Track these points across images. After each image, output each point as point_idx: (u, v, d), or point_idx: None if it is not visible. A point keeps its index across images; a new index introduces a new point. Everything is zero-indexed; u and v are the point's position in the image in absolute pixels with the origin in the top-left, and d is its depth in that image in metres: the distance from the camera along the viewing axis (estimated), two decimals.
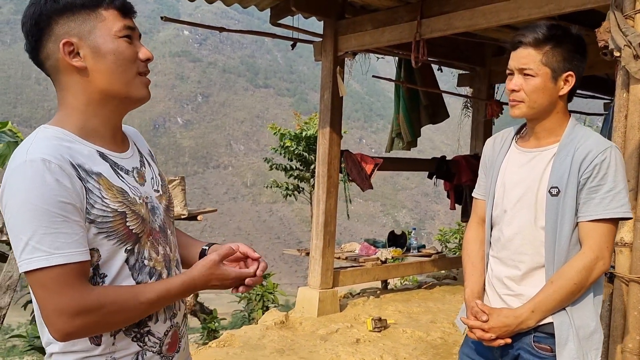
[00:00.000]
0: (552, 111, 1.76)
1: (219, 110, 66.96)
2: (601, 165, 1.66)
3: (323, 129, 5.23)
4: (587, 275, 1.67)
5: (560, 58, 1.71)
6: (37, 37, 1.20)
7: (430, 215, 56.17)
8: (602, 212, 1.66)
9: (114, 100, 1.24)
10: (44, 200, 1.08)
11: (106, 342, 1.20)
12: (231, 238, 50.81)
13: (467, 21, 4.01)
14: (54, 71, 1.22)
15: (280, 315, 4.99)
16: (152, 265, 1.27)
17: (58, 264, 1.09)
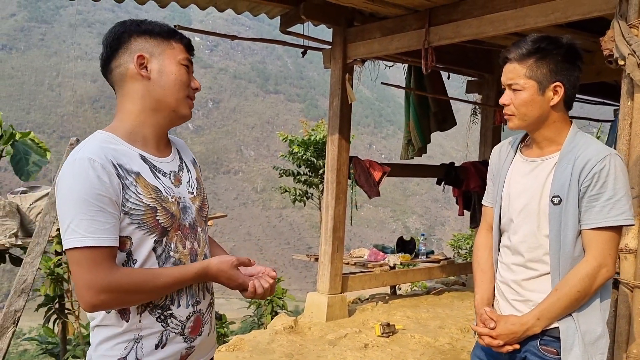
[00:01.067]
0: (547, 121, 1.79)
1: (230, 116, 67.28)
2: (600, 174, 1.69)
3: (332, 135, 5.28)
4: (591, 282, 1.70)
5: (545, 70, 1.74)
6: (115, 49, 1.48)
7: (440, 221, 55.96)
8: (603, 220, 1.69)
9: (164, 112, 1.50)
10: (85, 192, 1.32)
11: (133, 319, 1.42)
12: (241, 243, 50.94)
13: (475, 29, 4.05)
14: (120, 78, 1.48)
15: (289, 320, 5.03)
16: (177, 257, 1.48)
17: (90, 245, 1.32)
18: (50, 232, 3.59)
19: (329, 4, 4.77)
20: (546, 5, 3.56)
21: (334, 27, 5.29)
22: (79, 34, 72.16)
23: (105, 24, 73.95)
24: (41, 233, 3.52)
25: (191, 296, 1.51)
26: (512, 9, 3.76)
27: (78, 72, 68.69)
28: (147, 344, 1.43)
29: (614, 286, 2.38)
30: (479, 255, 2.06)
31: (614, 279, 2.37)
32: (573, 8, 3.42)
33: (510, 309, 1.86)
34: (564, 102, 1.80)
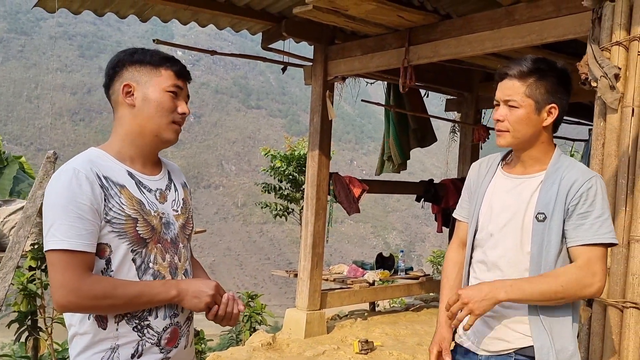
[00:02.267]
0: (537, 141, 1.81)
1: (211, 131, 67.02)
2: (588, 193, 1.72)
3: (312, 151, 5.29)
4: (577, 287, 1.68)
5: (543, 90, 1.76)
6: (111, 77, 1.59)
7: (420, 237, 56.17)
8: (592, 237, 1.70)
9: (147, 136, 1.58)
10: (65, 199, 1.42)
11: (110, 327, 1.48)
12: (221, 258, 50.46)
13: (453, 49, 4.12)
14: (114, 104, 1.60)
15: (268, 337, 4.99)
16: (156, 269, 1.54)
17: (65, 248, 1.40)
18: (23, 246, 3.52)
19: (311, 22, 4.81)
20: (522, 27, 3.64)
21: (315, 45, 5.33)
22: (59, 46, 71.51)
23: (86, 37, 73.53)
24: (14, 247, 3.46)
25: (169, 309, 1.55)
26: (490, 30, 3.83)
27: (57, 84, 67.95)
28: (124, 353, 1.48)
29: (588, 304, 2.41)
30: (448, 271, 2.07)
31: None
32: (548, 30, 3.50)
33: (482, 325, 1.84)
34: (553, 124, 1.82)
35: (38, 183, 3.90)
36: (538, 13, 3.56)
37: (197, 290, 1.54)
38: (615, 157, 2.37)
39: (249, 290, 7.42)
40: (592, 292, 1.70)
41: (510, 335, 1.81)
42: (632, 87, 2.34)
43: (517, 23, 3.67)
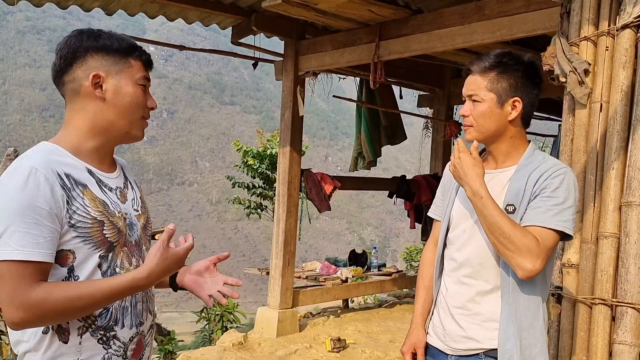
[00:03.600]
0: (504, 135, 1.80)
1: (185, 127, 66.30)
2: (554, 180, 1.70)
3: (283, 148, 5.22)
4: (518, 249, 1.63)
5: (505, 84, 1.76)
6: (69, 62, 1.40)
7: (395, 232, 56.54)
8: (545, 221, 1.67)
9: (115, 132, 1.44)
10: (21, 203, 1.24)
11: (73, 341, 1.34)
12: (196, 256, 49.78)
13: (424, 44, 4.09)
14: (72, 93, 1.42)
15: (239, 336, 4.91)
16: (125, 274, 1.38)
17: (18, 259, 1.23)
18: None
19: (281, 16, 4.74)
20: (492, 22, 3.62)
21: (285, 39, 5.26)
22: (27, 41, 69.91)
23: (55, 31, 71.90)
24: None
25: (135, 316, 1.45)
26: (460, 25, 3.82)
27: (26, 79, 66.43)
28: None
29: (557, 301, 2.39)
30: (424, 271, 2.06)
31: (557, 293, 2.40)
32: (518, 25, 3.49)
33: (453, 324, 1.84)
34: (522, 119, 1.81)
35: None
36: (508, 8, 3.56)
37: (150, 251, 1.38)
38: (584, 152, 2.36)
39: None
40: (522, 266, 1.64)
41: (480, 335, 1.79)
42: (600, 83, 2.32)
43: (487, 18, 3.65)
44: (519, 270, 1.66)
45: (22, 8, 68.37)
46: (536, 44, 4.90)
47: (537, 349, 1.73)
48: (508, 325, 1.72)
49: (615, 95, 2.24)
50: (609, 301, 2.16)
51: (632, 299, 2.08)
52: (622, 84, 2.22)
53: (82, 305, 1.29)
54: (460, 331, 1.82)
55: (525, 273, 1.65)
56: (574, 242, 2.35)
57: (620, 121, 2.21)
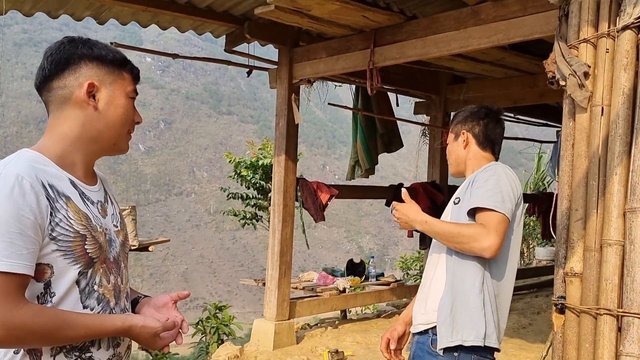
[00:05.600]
0: (466, 160, 2.34)
1: (182, 137, 66.26)
2: (485, 174, 2.14)
3: (278, 156, 5.15)
4: (471, 237, 2.00)
5: (459, 126, 2.37)
6: (62, 68, 1.35)
7: (393, 241, 56.43)
8: (481, 202, 2.04)
9: (102, 144, 1.40)
10: (6, 211, 1.17)
11: None
12: (194, 266, 49.82)
13: (420, 50, 4.04)
14: (61, 99, 1.36)
15: (235, 349, 4.82)
16: (101, 292, 1.34)
17: (3, 270, 1.15)
18: None
19: (275, 24, 4.68)
20: (489, 27, 3.57)
21: (279, 47, 5.21)
22: (24, 53, 69.97)
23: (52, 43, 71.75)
24: None
25: (113, 338, 1.37)
26: (456, 30, 3.76)
27: (23, 91, 66.39)
28: None
29: (560, 311, 2.31)
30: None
31: (560, 303, 2.31)
32: (515, 30, 3.43)
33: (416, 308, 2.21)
34: (479, 144, 2.32)
35: None
36: (504, 12, 3.50)
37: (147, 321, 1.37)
38: (586, 157, 2.29)
39: (222, 298, 7.23)
40: (482, 247, 1.98)
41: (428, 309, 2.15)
42: (601, 86, 2.25)
43: (483, 23, 3.60)
44: (484, 252, 1.99)
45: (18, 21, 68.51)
46: (533, 49, 4.86)
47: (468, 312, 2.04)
48: (446, 296, 2.08)
49: (616, 98, 2.17)
50: (614, 311, 2.08)
51: (638, 309, 2.00)
52: (624, 87, 2.15)
53: (65, 336, 1.24)
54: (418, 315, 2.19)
55: (489, 251, 1.99)
56: (576, 250, 2.27)
57: (623, 125, 2.14)
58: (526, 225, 11.32)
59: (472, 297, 2.05)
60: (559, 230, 2.38)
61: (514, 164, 22.26)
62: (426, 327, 2.13)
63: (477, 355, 2.06)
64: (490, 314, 2.07)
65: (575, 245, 2.27)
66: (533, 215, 8.85)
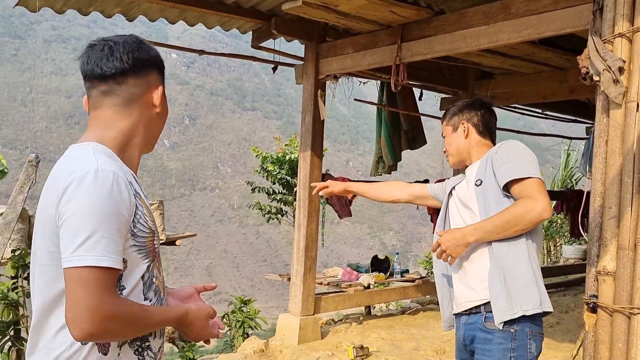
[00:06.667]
0: (469, 149, 2.39)
1: (206, 133, 66.79)
2: (502, 149, 2.20)
3: (304, 152, 5.16)
4: (523, 211, 2.03)
5: (456, 118, 2.43)
6: (140, 68, 1.40)
7: (417, 237, 56.11)
8: (517, 172, 2.09)
9: (152, 143, 1.48)
10: (108, 208, 1.21)
11: (112, 353, 1.29)
12: (217, 261, 50.25)
13: (448, 45, 4.00)
14: (130, 96, 1.39)
15: (260, 344, 4.85)
16: (157, 284, 1.40)
17: (106, 266, 1.20)
18: (3, 254, 3.38)
19: (301, 19, 4.69)
20: (519, 21, 3.51)
21: (306, 43, 5.21)
22: (53, 50, 71.18)
23: (80, 40, 73.05)
24: None
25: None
26: (485, 25, 3.71)
27: (52, 87, 67.59)
28: None
29: (592, 310, 2.28)
30: (387, 183, 2.86)
31: (592, 302, 2.28)
32: (546, 24, 3.38)
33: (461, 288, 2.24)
34: (479, 133, 2.38)
35: (19, 188, 3.75)
36: (535, 6, 3.44)
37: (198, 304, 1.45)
38: (620, 154, 2.25)
39: (245, 292, 7.29)
40: (538, 213, 2.03)
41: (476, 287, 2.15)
42: (636, 81, 2.21)
43: (513, 17, 3.55)
44: (543, 216, 2.04)
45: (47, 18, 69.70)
46: (563, 43, 4.77)
47: (521, 284, 2.05)
48: (493, 270, 2.09)
49: None
50: None
51: None
52: None
53: (146, 327, 1.31)
54: (463, 293, 2.21)
55: (546, 212, 2.04)
56: (610, 248, 2.23)
57: None
58: (554, 223, 11.15)
59: (522, 266, 2.07)
60: (591, 228, 2.34)
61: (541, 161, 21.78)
62: (477, 303, 2.14)
63: (532, 323, 2.08)
64: (540, 280, 2.11)
65: (608, 244, 2.24)
66: (561, 213, 8.71)
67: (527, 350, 2.05)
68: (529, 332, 2.06)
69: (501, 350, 2.04)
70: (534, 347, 2.07)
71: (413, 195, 2.69)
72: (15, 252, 4.32)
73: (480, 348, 2.11)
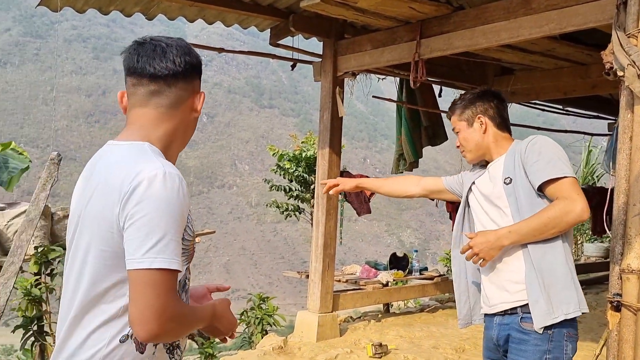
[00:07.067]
0: (488, 144, 2.28)
1: (224, 131, 67.18)
2: (534, 147, 2.10)
3: (322, 149, 5.16)
4: (562, 213, 1.97)
5: (469, 112, 2.31)
6: (190, 72, 1.41)
7: (435, 235, 55.85)
8: (552, 172, 2.02)
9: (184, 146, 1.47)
10: (176, 211, 1.22)
11: (148, 351, 1.31)
12: (235, 258, 50.57)
13: (467, 41, 3.96)
14: (177, 99, 1.40)
15: (279, 340, 4.86)
16: (189, 285, 1.42)
17: (175, 269, 1.22)
18: (26, 251, 3.43)
19: (319, 17, 4.68)
20: (540, 16, 3.47)
21: (324, 40, 5.20)
22: (73, 49, 72.09)
23: (100, 39, 73.90)
24: (16, 252, 3.36)
25: None
26: (506, 20, 3.67)
27: (72, 86, 68.48)
28: None
29: (616, 309, 2.25)
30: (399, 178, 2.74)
31: (616, 301, 2.25)
32: (568, 19, 3.33)
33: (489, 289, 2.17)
34: (497, 126, 2.28)
35: (41, 185, 3.80)
36: (556, 1, 3.39)
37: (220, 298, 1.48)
38: None
39: (263, 289, 7.32)
40: (577, 214, 1.98)
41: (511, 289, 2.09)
42: None
43: (534, 12, 3.50)
44: (583, 217, 1.99)
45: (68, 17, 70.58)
46: (585, 38, 4.71)
47: (560, 286, 2.00)
48: (532, 277, 2.02)
49: None
50: None
51: None
52: None
53: (195, 326, 1.34)
54: (497, 294, 2.14)
55: (585, 212, 1.98)
56: (634, 246, 2.20)
57: None
58: None
59: (560, 268, 2.03)
60: (615, 226, 2.31)
61: None
62: (513, 305, 2.08)
63: (569, 325, 2.04)
64: (576, 280, 2.08)
65: (632, 241, 2.21)
66: None
67: (563, 352, 2.01)
68: (566, 334, 2.03)
69: (537, 351, 2.01)
70: (569, 348, 2.03)
71: (427, 189, 2.61)
72: (38, 249, 4.40)
73: (515, 348, 2.07)
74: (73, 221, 1.39)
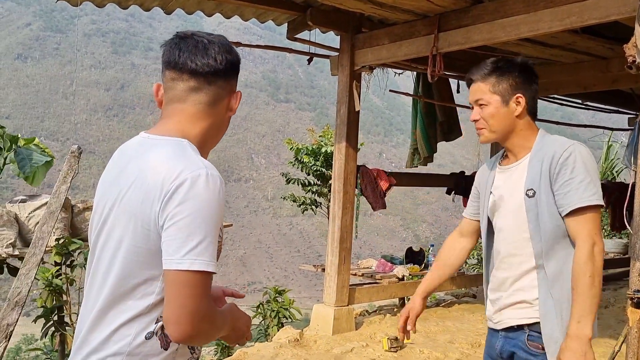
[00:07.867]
0: (515, 130, 1.96)
1: (241, 125, 67.51)
2: (567, 162, 1.83)
3: (339, 144, 5.16)
4: (593, 263, 1.79)
5: (506, 85, 1.94)
6: (227, 71, 1.39)
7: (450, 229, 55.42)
8: (579, 201, 1.80)
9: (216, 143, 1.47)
10: (217, 213, 1.23)
11: (172, 347, 1.31)
12: (251, 251, 50.88)
13: (486, 34, 3.92)
14: (215, 97, 1.38)
15: (295, 333, 4.90)
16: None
17: (212, 271, 1.22)
18: (47, 242, 3.49)
19: (337, 10, 4.67)
20: (561, 9, 3.43)
21: (341, 34, 5.19)
22: (92, 44, 72.85)
23: (118, 34, 74.58)
24: (38, 244, 3.42)
25: None
26: (525, 13, 3.63)
27: (92, 80, 69.27)
28: None
29: (636, 305, 2.23)
30: (442, 253, 2.28)
31: (636, 298, 2.23)
32: (589, 12, 3.28)
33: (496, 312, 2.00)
34: (528, 112, 1.96)
35: (62, 178, 3.86)
36: None
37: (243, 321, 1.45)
38: None
39: (279, 282, 7.37)
40: (600, 249, 1.81)
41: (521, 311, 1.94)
42: None
43: (554, 5, 3.46)
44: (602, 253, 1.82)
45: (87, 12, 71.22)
46: (606, 32, 4.64)
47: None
48: (546, 299, 1.86)
49: None
50: None
51: None
52: None
53: (220, 328, 1.32)
54: (505, 310, 1.99)
55: (603, 249, 1.83)
56: None
57: None
58: None
59: None
60: (636, 222, 2.29)
61: None
62: (520, 322, 1.94)
63: None
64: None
65: None
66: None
67: None
68: None
69: None
70: None
71: (470, 232, 2.24)
72: (59, 241, 4.48)
73: None
74: (99, 211, 1.36)
